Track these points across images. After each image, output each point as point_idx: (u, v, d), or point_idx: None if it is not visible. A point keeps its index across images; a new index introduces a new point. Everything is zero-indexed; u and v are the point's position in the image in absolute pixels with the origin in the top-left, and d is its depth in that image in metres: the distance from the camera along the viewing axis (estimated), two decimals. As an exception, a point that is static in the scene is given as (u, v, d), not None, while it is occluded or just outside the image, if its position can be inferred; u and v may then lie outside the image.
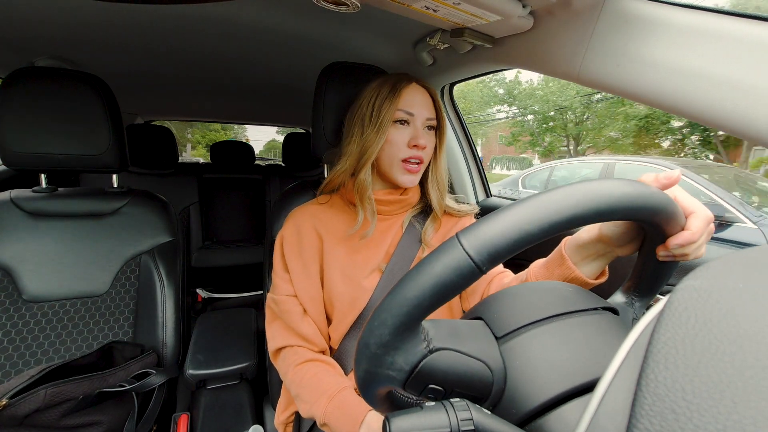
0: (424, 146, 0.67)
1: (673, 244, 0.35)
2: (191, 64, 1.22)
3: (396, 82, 0.68)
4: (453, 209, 0.75)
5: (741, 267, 0.20)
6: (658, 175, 0.37)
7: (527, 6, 0.65)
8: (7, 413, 0.65)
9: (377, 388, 0.29)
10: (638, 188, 0.30)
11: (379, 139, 0.66)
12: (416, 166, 0.68)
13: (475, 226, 0.26)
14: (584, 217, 0.27)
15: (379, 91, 0.67)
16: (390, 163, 0.68)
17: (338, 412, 0.57)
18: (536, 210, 0.26)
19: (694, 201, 0.37)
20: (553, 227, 0.26)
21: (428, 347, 0.28)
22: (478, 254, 0.25)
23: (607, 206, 0.28)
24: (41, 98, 0.81)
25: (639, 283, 0.41)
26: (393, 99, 0.66)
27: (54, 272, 0.88)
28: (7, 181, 1.37)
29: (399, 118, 0.67)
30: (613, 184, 0.29)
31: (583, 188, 0.28)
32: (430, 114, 0.69)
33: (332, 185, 0.74)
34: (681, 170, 0.38)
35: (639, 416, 0.16)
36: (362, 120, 0.68)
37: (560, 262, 0.50)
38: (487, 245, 0.25)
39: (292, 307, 0.69)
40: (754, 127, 0.46)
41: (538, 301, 0.33)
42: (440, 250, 0.26)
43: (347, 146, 0.70)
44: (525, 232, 0.25)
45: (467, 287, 0.26)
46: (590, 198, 0.27)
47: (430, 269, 0.25)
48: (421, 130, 0.67)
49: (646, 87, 0.55)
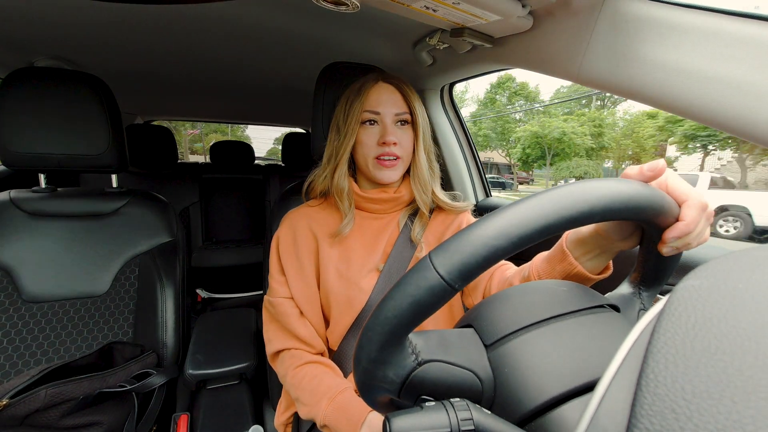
0: (394, 142, 0.67)
1: (669, 237, 0.33)
2: (191, 64, 1.22)
3: (363, 83, 0.69)
4: (447, 204, 0.74)
5: (741, 267, 0.20)
6: (642, 167, 0.35)
7: (527, 6, 0.65)
8: (7, 413, 0.65)
9: (375, 396, 0.30)
10: (617, 188, 0.29)
11: (349, 141, 0.68)
12: (392, 161, 0.68)
13: (445, 244, 0.26)
14: (555, 226, 0.26)
15: (349, 94, 0.70)
16: (365, 163, 0.69)
17: (339, 414, 0.57)
18: (504, 224, 0.26)
19: (686, 188, 0.34)
20: (523, 240, 0.26)
21: (416, 360, 0.28)
22: (448, 274, 0.25)
23: (580, 213, 0.27)
24: (41, 98, 0.81)
25: (644, 275, 0.40)
26: (359, 100, 0.67)
27: (54, 272, 0.88)
28: (6, 181, 1.37)
29: (366, 119, 0.68)
30: (588, 187, 0.28)
31: (554, 195, 0.27)
32: (400, 109, 0.69)
33: (316, 191, 0.74)
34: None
35: (639, 416, 0.16)
36: (337, 125, 0.71)
37: (561, 258, 0.49)
38: (457, 264, 0.25)
39: (288, 309, 0.69)
40: (754, 127, 0.46)
41: (528, 306, 0.33)
42: (415, 269, 0.26)
43: (326, 150, 0.73)
44: (494, 248, 0.25)
45: (444, 304, 0.26)
46: (561, 206, 0.26)
47: (406, 289, 0.26)
48: (390, 126, 0.68)
49: (645, 87, 0.55)
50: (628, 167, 0.37)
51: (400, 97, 0.69)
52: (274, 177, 2.29)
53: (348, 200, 0.71)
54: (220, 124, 16.36)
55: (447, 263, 0.25)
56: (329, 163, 0.71)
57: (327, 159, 0.72)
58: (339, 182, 0.70)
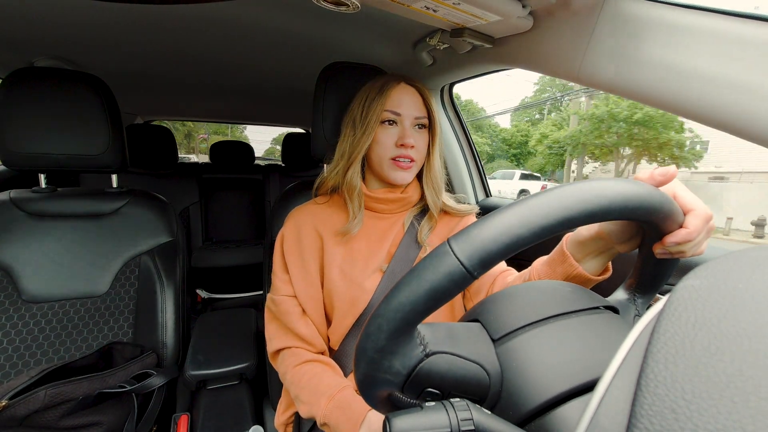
0: (412, 145, 0.67)
1: (669, 241, 0.34)
2: (191, 64, 1.22)
3: (384, 82, 0.68)
4: (452, 208, 0.75)
5: (741, 267, 0.20)
6: (653, 172, 0.36)
7: (527, 6, 0.65)
8: (6, 414, 0.65)
9: (376, 391, 0.29)
10: (632, 188, 0.29)
11: (366, 139, 0.67)
12: (408, 162, 0.68)
13: (466, 231, 0.26)
14: (576, 219, 0.27)
15: (368, 92, 0.69)
16: (380, 163, 0.69)
17: (338, 412, 0.57)
18: (527, 214, 0.26)
19: (693, 198, 0.35)
20: (544, 230, 0.26)
21: (424, 351, 0.28)
22: (469, 260, 0.25)
23: (599, 208, 0.27)
24: (41, 98, 0.81)
25: (640, 280, 0.41)
26: (380, 100, 0.67)
27: (53, 272, 0.88)
28: (6, 181, 1.37)
29: (386, 119, 0.68)
30: (606, 185, 0.28)
31: (575, 189, 0.28)
32: (420, 113, 0.69)
33: (327, 186, 0.74)
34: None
35: (639, 416, 0.16)
36: (353, 121, 0.70)
37: (562, 260, 0.49)
38: (479, 250, 0.25)
39: (291, 307, 0.69)
40: (754, 127, 0.46)
41: (535, 303, 0.33)
42: (433, 255, 0.26)
43: (339, 147, 0.72)
44: (516, 237, 0.25)
45: (460, 292, 0.26)
46: (582, 200, 0.27)
47: (423, 275, 0.25)
48: (409, 129, 0.68)
49: (645, 86, 0.56)
50: (640, 171, 0.37)
51: (421, 100, 0.70)
52: (274, 177, 2.30)
53: (358, 200, 0.70)
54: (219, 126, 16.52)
55: (468, 249, 0.25)
56: (342, 159, 0.71)
57: (340, 155, 0.71)
58: (352, 180, 0.70)
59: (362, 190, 0.71)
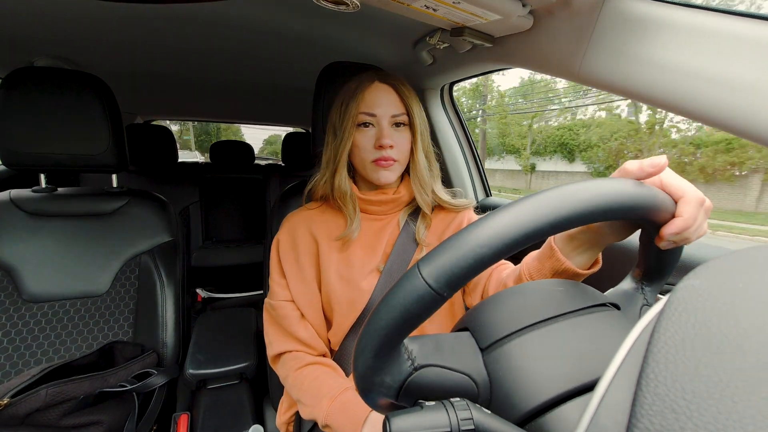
0: (391, 145, 0.65)
1: (667, 233, 0.33)
2: (191, 63, 1.22)
3: (358, 84, 0.67)
4: (447, 203, 0.73)
5: (741, 267, 0.20)
6: (642, 163, 0.34)
7: (527, 5, 0.65)
8: (7, 412, 0.65)
9: (374, 399, 0.30)
10: (608, 188, 0.29)
11: (346, 144, 0.66)
12: (390, 162, 0.67)
13: (433, 253, 0.26)
14: (543, 230, 0.26)
15: (344, 96, 0.68)
16: (363, 165, 0.68)
17: (340, 413, 0.57)
18: (491, 232, 0.26)
19: (683, 183, 0.33)
20: (511, 247, 0.26)
21: (413, 365, 0.29)
22: (436, 282, 0.25)
23: (569, 215, 0.26)
24: (41, 98, 0.81)
25: (646, 269, 0.40)
26: (355, 103, 0.65)
27: (54, 272, 0.88)
28: (6, 181, 1.37)
29: (362, 121, 0.66)
30: (577, 189, 0.27)
31: (543, 198, 0.27)
32: (397, 110, 0.67)
33: (317, 195, 0.73)
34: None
35: (639, 415, 0.16)
36: (333, 127, 0.69)
37: (550, 254, 0.48)
38: (446, 273, 0.25)
39: (289, 312, 0.69)
40: (754, 126, 0.46)
41: (523, 308, 0.33)
42: (404, 278, 0.26)
43: (324, 154, 0.71)
44: (480, 256, 0.25)
45: (435, 311, 0.26)
46: (551, 208, 0.26)
47: (396, 298, 0.26)
48: (387, 129, 0.66)
49: (645, 86, 0.55)
50: (628, 162, 0.35)
51: (397, 97, 0.67)
52: (274, 177, 2.29)
53: (352, 204, 0.69)
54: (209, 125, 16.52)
55: (434, 272, 0.25)
56: (328, 167, 0.70)
57: (325, 163, 0.71)
58: (341, 186, 0.69)
59: (355, 192, 0.70)
